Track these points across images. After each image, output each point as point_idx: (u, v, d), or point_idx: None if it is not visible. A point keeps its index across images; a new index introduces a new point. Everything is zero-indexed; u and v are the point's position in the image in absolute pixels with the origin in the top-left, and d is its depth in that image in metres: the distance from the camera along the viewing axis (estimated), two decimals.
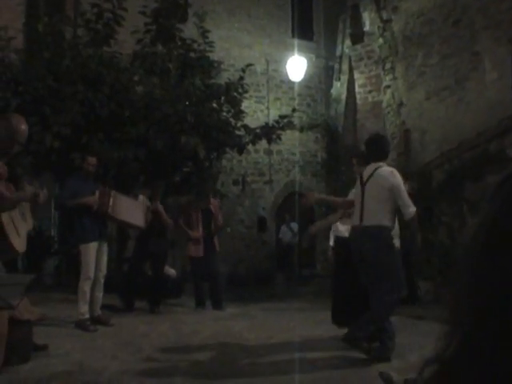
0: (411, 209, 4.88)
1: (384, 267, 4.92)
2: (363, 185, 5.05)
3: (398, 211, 5.03)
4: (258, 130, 10.08)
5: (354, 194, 5.34)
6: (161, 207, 8.03)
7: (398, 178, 4.93)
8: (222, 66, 11.54)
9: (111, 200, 6.66)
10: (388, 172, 4.99)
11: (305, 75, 14.88)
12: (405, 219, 5.06)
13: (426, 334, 6.22)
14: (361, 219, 5.00)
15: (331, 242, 7.90)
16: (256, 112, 14.81)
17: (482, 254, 0.66)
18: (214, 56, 10.70)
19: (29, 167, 8.90)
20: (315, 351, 5.30)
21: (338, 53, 15.24)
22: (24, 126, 3.83)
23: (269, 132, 10.11)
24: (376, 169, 5.01)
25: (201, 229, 8.75)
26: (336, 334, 5.79)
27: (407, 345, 5.63)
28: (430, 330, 6.48)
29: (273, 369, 4.64)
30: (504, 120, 8.30)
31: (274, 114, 13.36)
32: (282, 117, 10.37)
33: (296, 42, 15.43)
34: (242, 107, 10.20)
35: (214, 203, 9.08)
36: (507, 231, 0.62)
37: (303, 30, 15.96)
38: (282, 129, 10.24)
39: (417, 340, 5.90)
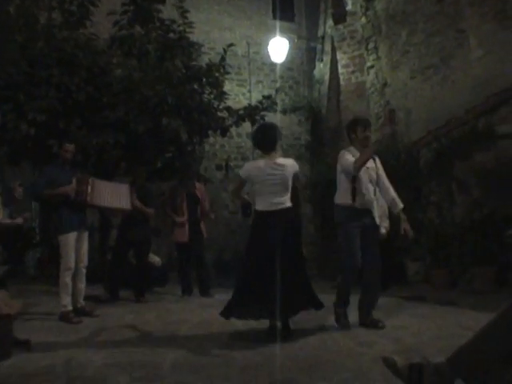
0: None
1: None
2: None
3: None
4: (241, 112, 9.87)
5: None
6: (137, 202, 7.80)
7: None
8: (203, 49, 11.28)
9: (89, 187, 6.43)
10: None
11: (286, 57, 14.63)
12: None
13: (418, 316, 6.17)
14: None
15: None
16: (238, 95, 14.56)
17: None
18: (194, 39, 10.42)
19: (5, 157, 8.64)
20: (307, 336, 5.15)
21: (320, 33, 14.98)
22: None
23: (252, 113, 9.90)
24: None
25: (186, 214, 8.59)
26: (324, 316, 5.75)
27: (401, 327, 5.51)
28: (423, 312, 6.42)
29: (264, 355, 4.49)
30: (492, 96, 8.17)
31: (256, 97, 13.12)
32: (265, 97, 10.16)
33: (277, 23, 15.13)
34: (224, 89, 9.97)
35: (199, 188, 8.92)
36: None
37: (284, 12, 15.67)
38: (266, 109, 10.03)
39: (410, 322, 5.82)
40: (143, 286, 8.20)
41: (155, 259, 9.57)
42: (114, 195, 6.87)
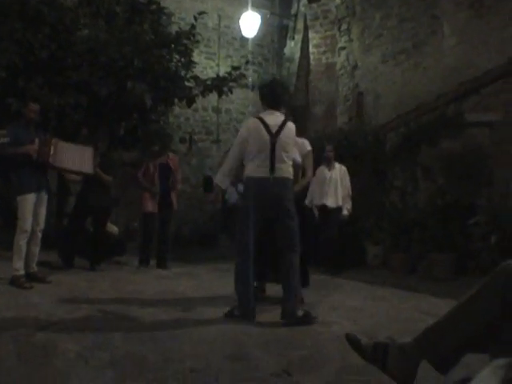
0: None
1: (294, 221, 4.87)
2: (273, 136, 4.81)
3: None
4: (208, 82, 9.65)
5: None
6: (97, 169, 7.52)
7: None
8: (173, 19, 11.01)
9: (52, 148, 6.22)
10: (294, 127, 5.00)
11: (257, 33, 14.39)
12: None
13: (376, 299, 6.18)
14: (272, 170, 4.80)
15: None
16: (206, 68, 14.31)
17: None
18: (165, 6, 10.14)
19: None
20: (264, 313, 5.06)
21: (293, 11, 14.83)
22: None
23: (220, 84, 9.68)
24: (285, 121, 4.88)
25: (157, 184, 8.43)
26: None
27: (359, 309, 5.50)
28: (381, 295, 6.43)
29: (219, 329, 4.39)
30: (464, 83, 8.15)
31: (224, 72, 12.98)
32: (234, 68, 9.94)
33: None
34: (192, 59, 9.73)
35: (173, 159, 8.74)
36: None
37: None
38: (235, 81, 9.81)
39: (369, 304, 5.82)
40: (99, 254, 8.01)
41: (113, 229, 9.35)
42: (77, 158, 6.68)
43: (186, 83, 9.43)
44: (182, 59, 9.39)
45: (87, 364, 3.31)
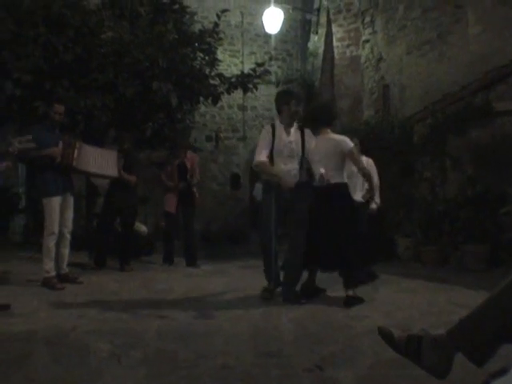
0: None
1: None
2: None
3: None
4: (233, 79, 9.66)
5: None
6: (121, 172, 7.58)
7: None
8: (196, 18, 11.04)
9: (76, 151, 6.24)
10: None
11: (281, 29, 14.35)
12: None
13: (409, 292, 6.09)
14: None
15: None
16: (230, 66, 14.38)
17: None
18: (187, 4, 10.18)
19: None
20: (296, 308, 5.04)
21: (315, 5, 14.74)
22: None
23: (245, 81, 9.68)
24: None
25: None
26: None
27: (392, 302, 5.43)
28: (413, 287, 6.35)
29: (251, 326, 4.38)
30: (491, 72, 8.01)
31: (248, 69, 12.99)
32: (258, 65, 9.91)
33: None
34: (216, 56, 9.76)
35: (191, 158, 8.73)
36: None
37: None
38: (259, 77, 9.80)
39: (401, 297, 5.74)
40: (128, 254, 8.07)
41: (142, 228, 9.44)
42: (101, 161, 6.72)
43: (211, 81, 9.46)
44: (206, 57, 9.42)
45: (120, 362, 3.33)
